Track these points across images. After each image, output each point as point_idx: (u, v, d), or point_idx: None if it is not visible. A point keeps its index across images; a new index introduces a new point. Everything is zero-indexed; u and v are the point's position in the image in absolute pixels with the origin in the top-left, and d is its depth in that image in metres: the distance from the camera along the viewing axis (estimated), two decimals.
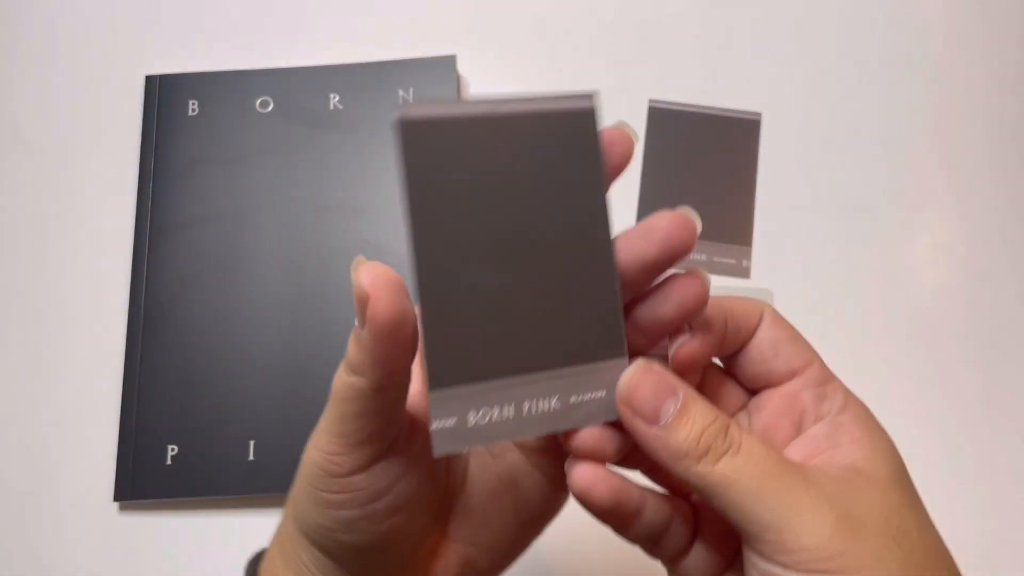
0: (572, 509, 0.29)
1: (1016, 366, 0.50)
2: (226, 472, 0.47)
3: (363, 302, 0.21)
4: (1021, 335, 0.51)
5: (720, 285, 0.51)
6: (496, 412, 0.22)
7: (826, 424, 0.25)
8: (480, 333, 0.22)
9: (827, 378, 0.25)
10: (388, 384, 0.22)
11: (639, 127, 0.54)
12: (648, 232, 0.23)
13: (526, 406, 0.22)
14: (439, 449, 0.21)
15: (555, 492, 0.29)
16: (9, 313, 0.51)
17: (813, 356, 0.26)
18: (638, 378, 0.23)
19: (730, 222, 0.52)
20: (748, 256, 0.52)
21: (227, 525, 0.48)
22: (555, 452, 0.28)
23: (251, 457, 0.47)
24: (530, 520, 0.29)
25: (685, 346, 0.24)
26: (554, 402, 0.23)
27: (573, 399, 0.23)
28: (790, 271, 0.52)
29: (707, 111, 0.54)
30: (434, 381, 0.21)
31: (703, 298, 0.23)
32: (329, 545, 0.26)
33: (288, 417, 0.48)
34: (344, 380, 0.23)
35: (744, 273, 0.52)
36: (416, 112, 0.22)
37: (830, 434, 0.24)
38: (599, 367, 0.23)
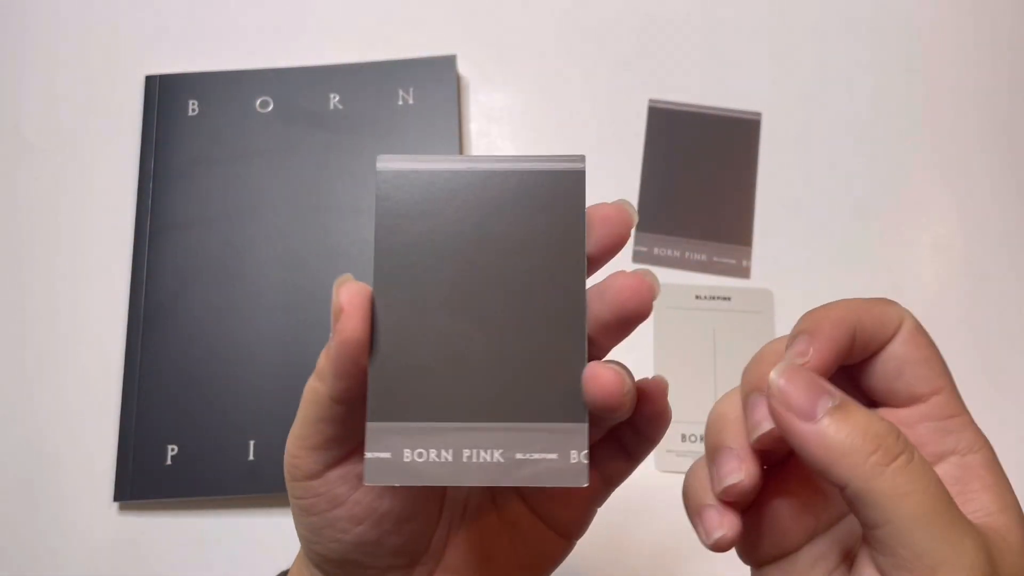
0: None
1: (1017, 365, 0.50)
2: (226, 472, 0.47)
3: (336, 317, 0.22)
4: (1021, 335, 0.51)
5: (720, 285, 0.51)
6: (433, 454, 0.22)
7: (954, 465, 0.23)
8: (428, 375, 0.23)
9: (954, 411, 0.23)
10: (346, 398, 0.23)
11: (639, 127, 0.54)
12: (603, 293, 0.23)
13: (466, 454, 0.22)
14: (370, 479, 0.22)
15: (558, 541, 0.28)
16: (9, 313, 0.51)
17: (943, 384, 0.23)
18: (789, 373, 0.21)
19: (730, 222, 0.52)
20: (748, 256, 0.52)
21: (227, 525, 0.48)
22: (557, 501, 0.28)
23: (251, 457, 0.47)
24: (531, 564, 0.28)
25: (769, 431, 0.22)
26: (497, 455, 0.22)
27: (519, 456, 0.22)
28: (790, 271, 0.52)
29: (707, 111, 0.54)
30: (372, 413, 0.23)
31: (645, 299, 0.22)
32: (314, 558, 0.26)
33: (288, 417, 0.47)
34: (310, 384, 0.24)
35: (744, 273, 0.52)
36: (395, 164, 0.23)
37: (960, 478, 0.22)
38: (553, 428, 0.23)
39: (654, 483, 0.47)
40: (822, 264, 0.52)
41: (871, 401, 0.24)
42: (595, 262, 0.24)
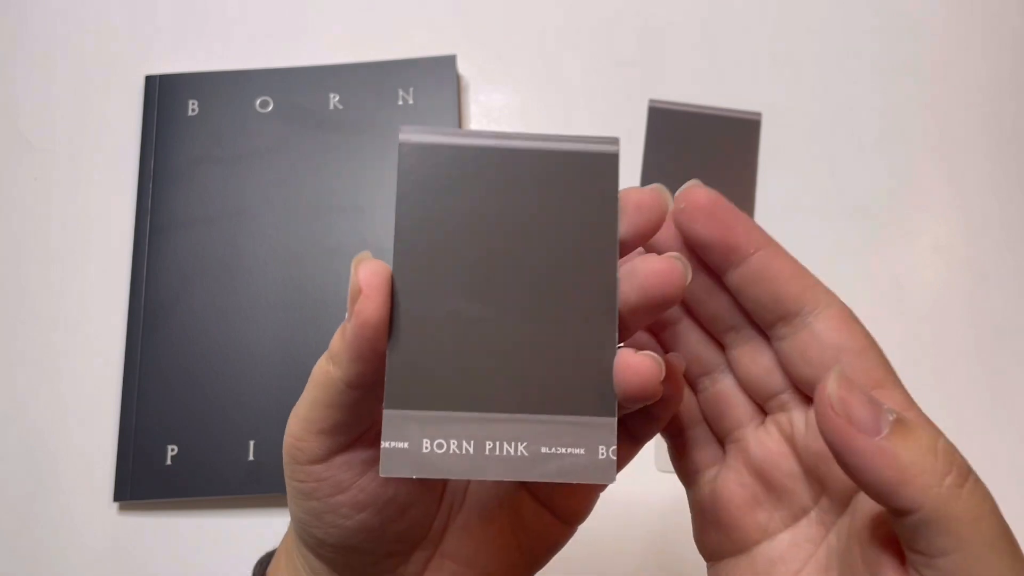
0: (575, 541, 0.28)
1: (1018, 367, 0.50)
2: (226, 472, 0.47)
3: (353, 297, 0.21)
4: (1022, 336, 0.51)
5: None
6: (453, 446, 0.21)
7: None
8: (450, 361, 0.21)
9: (903, 407, 0.21)
10: (360, 383, 0.22)
11: (639, 127, 0.54)
12: (632, 275, 0.22)
13: (488, 446, 0.21)
14: (385, 470, 0.21)
15: (559, 526, 0.28)
16: (9, 313, 0.51)
17: (882, 377, 0.22)
18: (847, 383, 0.19)
19: None
20: None
21: (227, 525, 0.48)
22: (561, 487, 0.27)
23: (251, 457, 0.47)
24: (530, 550, 0.28)
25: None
26: (521, 448, 0.21)
27: (544, 450, 0.21)
28: None
29: (707, 111, 0.54)
30: (389, 400, 0.21)
31: (676, 285, 0.21)
32: (310, 541, 0.26)
33: (288, 417, 0.47)
34: (322, 367, 0.23)
35: None
36: (419, 137, 0.22)
37: None
38: (580, 422, 0.22)
39: (653, 482, 0.47)
40: (822, 264, 0.51)
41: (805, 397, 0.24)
42: (624, 249, 0.23)
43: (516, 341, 0.22)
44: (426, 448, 0.21)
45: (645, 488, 0.47)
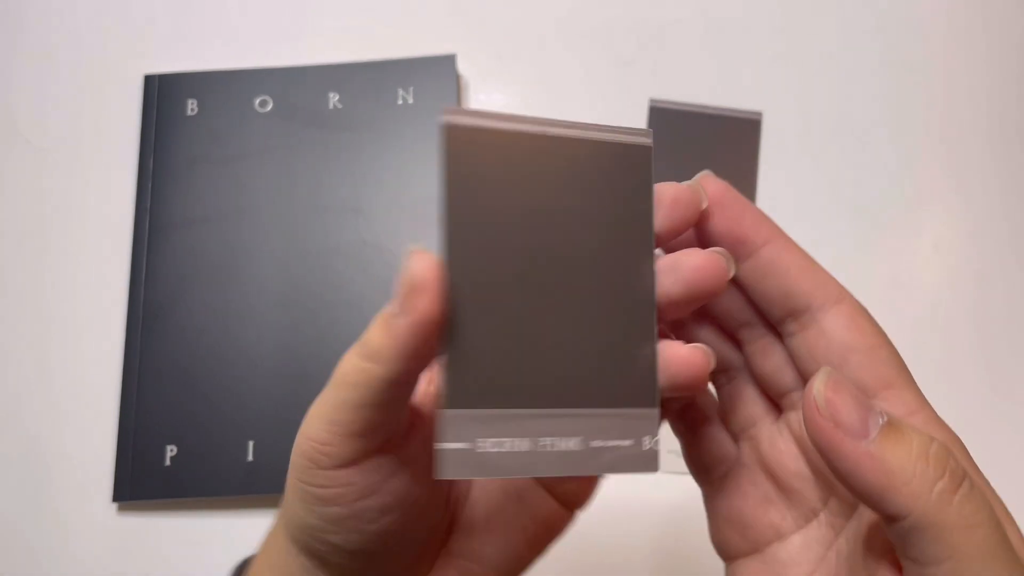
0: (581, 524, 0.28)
1: (1019, 366, 0.50)
2: (225, 473, 0.47)
3: (411, 290, 0.19)
4: (1023, 335, 0.51)
5: None
6: (510, 444, 0.21)
7: None
8: (504, 357, 0.21)
9: (913, 408, 0.21)
10: (406, 380, 0.21)
11: (639, 127, 0.54)
12: (675, 269, 0.21)
13: (543, 442, 0.21)
14: (444, 472, 0.20)
15: (561, 511, 0.27)
16: (8, 313, 0.51)
17: (894, 377, 0.21)
18: (835, 383, 0.19)
19: None
20: None
21: (226, 526, 0.47)
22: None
23: (250, 458, 0.47)
24: (535, 537, 0.27)
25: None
26: (573, 443, 0.21)
27: (595, 443, 0.21)
28: None
29: (707, 111, 0.54)
30: (448, 400, 0.20)
31: (720, 278, 0.21)
32: (319, 548, 0.24)
33: (287, 418, 0.47)
34: (356, 364, 0.21)
35: None
36: (464, 119, 0.21)
37: None
38: (625, 414, 0.21)
39: (654, 483, 0.47)
40: (822, 264, 0.52)
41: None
42: (657, 243, 0.22)
43: (562, 334, 0.21)
44: (482, 448, 0.21)
45: (646, 489, 0.47)
